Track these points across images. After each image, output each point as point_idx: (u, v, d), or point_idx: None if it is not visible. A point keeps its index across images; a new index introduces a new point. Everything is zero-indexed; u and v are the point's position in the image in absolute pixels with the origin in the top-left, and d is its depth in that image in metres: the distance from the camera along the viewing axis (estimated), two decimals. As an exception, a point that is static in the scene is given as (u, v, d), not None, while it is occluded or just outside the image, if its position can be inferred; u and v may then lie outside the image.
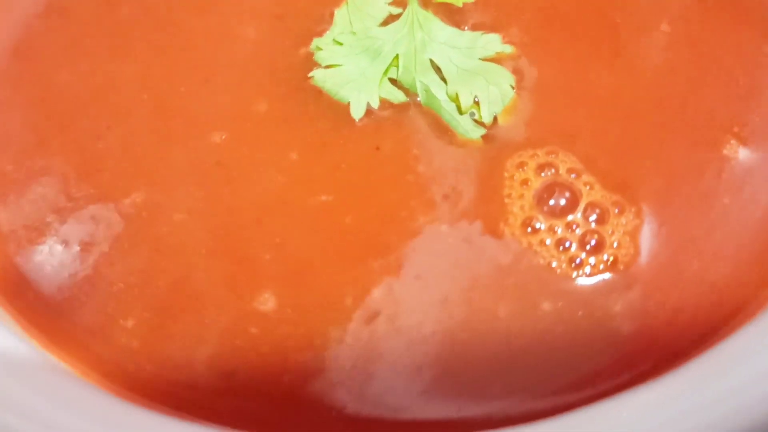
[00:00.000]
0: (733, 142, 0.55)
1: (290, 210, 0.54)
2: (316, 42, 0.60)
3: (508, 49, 0.60)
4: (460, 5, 0.62)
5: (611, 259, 0.52)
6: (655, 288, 0.51)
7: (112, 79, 0.59)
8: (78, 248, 0.53)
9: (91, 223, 0.54)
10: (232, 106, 0.58)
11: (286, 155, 0.56)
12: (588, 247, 0.52)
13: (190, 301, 0.51)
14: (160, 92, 0.59)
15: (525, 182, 0.54)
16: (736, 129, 0.55)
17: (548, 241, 0.52)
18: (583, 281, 0.51)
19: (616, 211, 0.53)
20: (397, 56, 0.59)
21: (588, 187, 0.54)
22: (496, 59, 0.59)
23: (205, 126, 0.57)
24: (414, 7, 0.61)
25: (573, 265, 0.51)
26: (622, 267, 0.51)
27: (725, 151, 0.55)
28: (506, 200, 0.53)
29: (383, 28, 0.60)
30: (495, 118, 0.57)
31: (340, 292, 0.51)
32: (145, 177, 0.55)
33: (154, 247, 0.53)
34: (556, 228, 0.52)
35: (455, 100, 0.57)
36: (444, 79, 0.58)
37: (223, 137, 0.57)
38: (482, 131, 0.57)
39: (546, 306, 0.50)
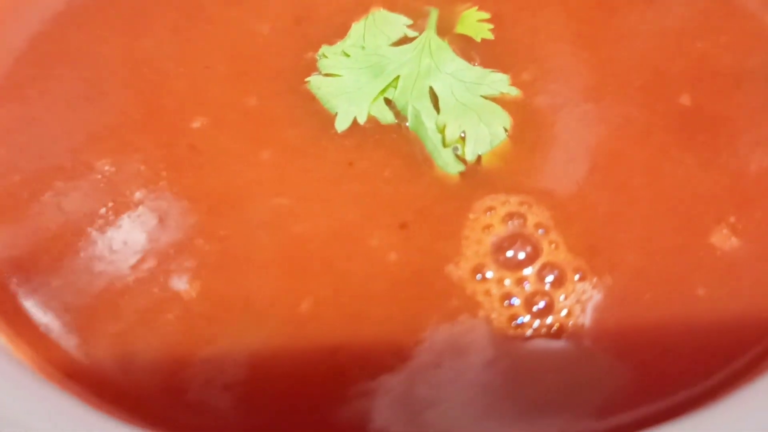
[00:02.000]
0: (725, 231, 0.50)
1: (245, 206, 0.53)
2: (323, 49, 0.60)
3: (514, 91, 0.58)
4: (478, 40, 0.60)
5: (556, 326, 0.48)
6: (593, 369, 0.46)
7: (121, 50, 0.60)
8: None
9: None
10: (222, 95, 0.58)
11: (259, 153, 0.55)
12: (535, 308, 0.48)
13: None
14: (159, 69, 0.59)
15: (488, 227, 0.51)
16: (732, 219, 0.51)
17: (494, 292, 0.49)
18: (519, 342, 0.47)
19: (576, 277, 0.49)
20: (398, 78, 0.58)
21: (553, 246, 0.50)
22: (500, 100, 0.57)
23: (190, 109, 0.57)
24: (430, 34, 0.60)
25: (513, 323, 0.48)
26: (564, 338, 0.47)
27: (713, 240, 0.50)
28: (463, 242, 0.51)
29: (393, 48, 0.60)
30: (479, 158, 0.55)
31: (265, 296, 0.49)
32: (116, 144, 0.55)
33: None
34: (505, 280, 0.49)
35: (442, 131, 0.55)
36: (438, 109, 0.56)
37: (203, 123, 0.56)
38: (461, 168, 0.54)
39: (474, 359, 0.47)
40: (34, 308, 0.50)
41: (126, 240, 0.52)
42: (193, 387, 0.48)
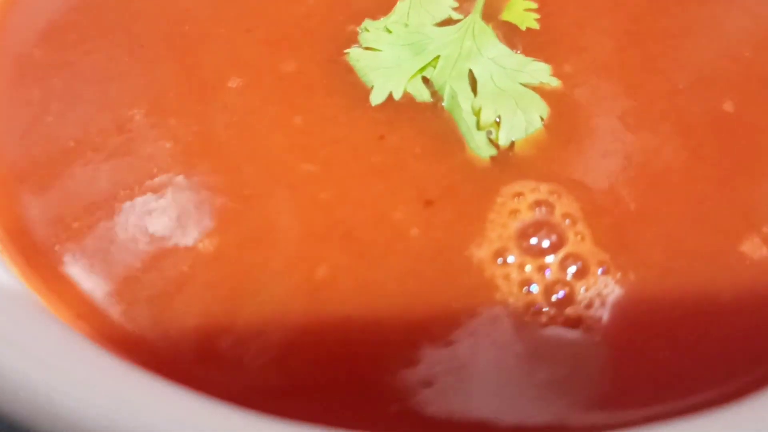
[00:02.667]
0: (756, 240, 0.49)
1: (273, 168, 0.53)
2: (366, 23, 0.60)
3: (555, 82, 0.57)
4: (523, 28, 0.59)
5: (574, 317, 0.47)
6: (611, 363, 0.45)
7: (163, 5, 0.60)
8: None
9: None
10: (260, 58, 0.58)
11: (291, 118, 0.55)
12: (554, 297, 0.48)
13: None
14: (201, 28, 0.60)
15: (514, 212, 0.51)
16: (766, 229, 0.49)
17: (513, 277, 0.48)
18: (534, 329, 0.46)
19: (600, 270, 0.48)
20: (437, 57, 0.57)
21: (579, 237, 0.50)
22: (539, 89, 0.56)
23: (228, 70, 0.58)
24: (476, 17, 0.59)
25: (531, 310, 0.47)
26: (582, 330, 0.46)
27: (743, 248, 0.49)
28: (488, 224, 0.50)
29: (436, 28, 0.60)
30: (512, 144, 0.54)
31: (283, 259, 0.49)
32: (151, 96, 0.55)
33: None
34: (526, 266, 0.48)
35: (477, 113, 0.54)
36: (475, 92, 0.56)
37: (239, 83, 0.56)
38: (493, 152, 0.54)
39: (485, 340, 0.46)
40: (73, 270, 0.50)
41: (156, 197, 0.52)
42: (206, 343, 0.47)
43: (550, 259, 0.49)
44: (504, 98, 0.56)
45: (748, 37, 0.59)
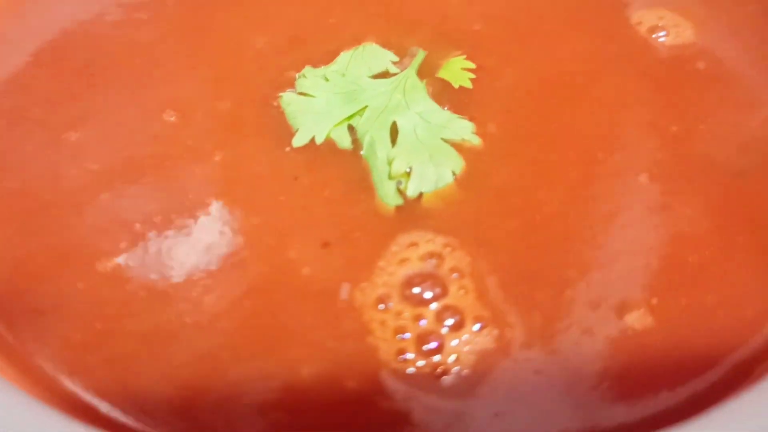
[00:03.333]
0: (642, 311, 0.48)
1: (183, 200, 0.55)
2: (306, 70, 0.62)
3: (476, 140, 0.58)
4: (456, 86, 0.61)
5: (440, 369, 0.47)
6: (465, 419, 0.45)
7: (123, 36, 0.64)
8: None
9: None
10: (199, 95, 0.61)
11: (213, 154, 0.57)
12: (425, 347, 0.48)
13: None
14: (151, 61, 0.63)
15: (405, 261, 0.51)
16: (654, 301, 0.49)
17: (389, 323, 0.48)
18: (399, 376, 0.47)
19: (476, 327, 0.48)
20: (366, 107, 0.59)
21: (462, 291, 0.50)
22: (460, 146, 0.57)
23: (166, 103, 0.60)
24: (410, 72, 0.61)
25: (400, 357, 0.47)
26: (445, 382, 0.46)
27: (628, 320, 0.48)
28: (377, 270, 0.51)
29: (371, 80, 0.61)
30: (421, 196, 0.55)
31: (175, 283, 0.51)
32: (90, 119, 0.59)
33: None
34: (404, 314, 0.49)
35: (390, 163, 0.56)
36: (395, 143, 0.57)
37: (174, 116, 0.59)
38: (399, 202, 0.55)
39: (350, 384, 0.47)
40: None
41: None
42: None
43: (428, 309, 0.49)
44: (420, 151, 0.57)
45: (667, 110, 0.59)
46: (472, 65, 0.62)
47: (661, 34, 0.65)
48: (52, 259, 0.52)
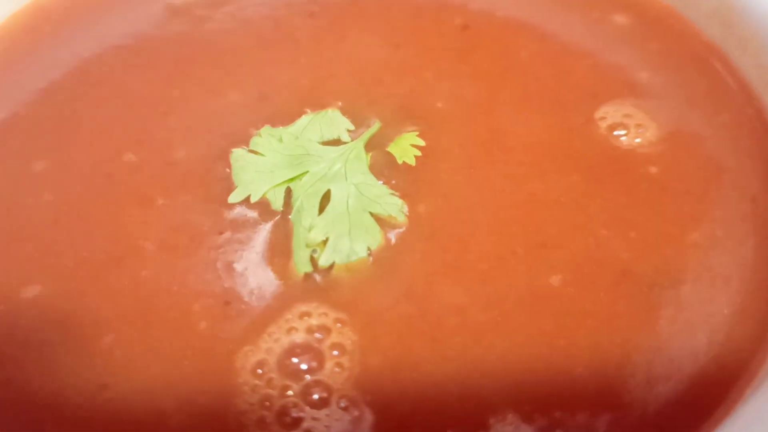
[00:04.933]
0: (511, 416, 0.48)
1: (117, 237, 0.59)
2: (264, 129, 0.65)
3: (402, 218, 0.60)
4: (399, 162, 0.62)
5: (295, 442, 0.49)
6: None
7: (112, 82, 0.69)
8: None
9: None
10: (160, 141, 0.65)
11: (156, 198, 0.61)
12: (286, 418, 0.49)
13: None
14: (126, 104, 0.68)
15: (292, 330, 0.53)
16: (527, 408, 0.49)
17: (259, 390, 0.50)
18: (256, 445, 0.49)
19: (342, 404, 0.50)
20: (307, 172, 0.61)
21: (337, 369, 0.51)
22: (386, 221, 0.59)
23: (128, 145, 0.65)
24: (359, 144, 0.63)
25: (261, 425, 0.49)
26: (296, 456, 0.48)
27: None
28: (264, 335, 0.53)
29: (320, 146, 0.63)
30: (332, 266, 0.57)
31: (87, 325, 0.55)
32: (56, 151, 0.64)
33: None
34: (275, 382, 0.51)
35: (309, 230, 0.58)
36: (321, 210, 0.59)
37: (132, 159, 0.63)
38: (308, 269, 0.57)
39: (210, 442, 0.49)
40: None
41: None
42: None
43: (298, 382, 0.51)
44: (341, 222, 0.59)
45: (601, 214, 0.58)
46: (422, 143, 0.63)
47: (622, 132, 0.64)
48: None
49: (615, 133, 0.64)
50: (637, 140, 0.64)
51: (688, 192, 0.61)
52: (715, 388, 0.52)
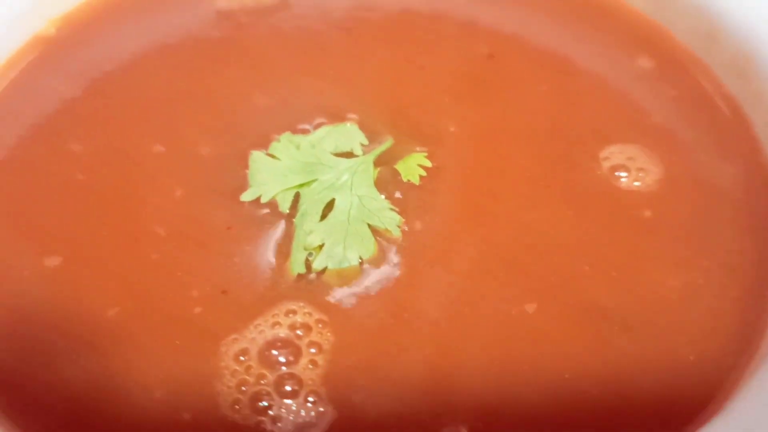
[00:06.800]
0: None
1: (127, 227, 0.65)
2: (285, 135, 0.70)
3: (396, 233, 0.64)
4: (405, 180, 0.66)
5: (262, 427, 0.53)
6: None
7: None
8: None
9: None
10: (188, 136, 0.70)
11: (175, 189, 0.67)
12: (258, 404, 0.54)
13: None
14: (158, 92, 0.73)
15: (276, 325, 0.58)
16: None
17: (238, 375, 0.56)
18: (227, 424, 0.54)
19: (310, 399, 0.54)
20: (316, 180, 0.66)
21: (310, 366, 0.56)
22: (382, 234, 0.63)
23: (156, 135, 0.70)
24: (368, 158, 0.67)
25: (235, 406, 0.54)
26: (263, 439, 0.53)
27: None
28: (250, 326, 0.58)
29: (333, 157, 0.68)
30: (324, 270, 0.61)
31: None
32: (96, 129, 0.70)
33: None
34: (252, 370, 0.55)
35: (307, 234, 0.63)
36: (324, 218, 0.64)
37: (160, 149, 0.69)
38: (302, 271, 0.61)
39: (186, 417, 0.54)
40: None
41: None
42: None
43: (275, 372, 0.56)
44: (339, 230, 0.63)
45: (587, 250, 0.61)
46: (429, 164, 0.67)
47: (623, 174, 0.67)
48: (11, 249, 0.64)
49: (616, 174, 0.67)
50: (636, 183, 0.66)
51: (677, 238, 0.63)
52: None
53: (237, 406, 0.55)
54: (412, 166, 0.68)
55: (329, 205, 0.65)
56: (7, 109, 0.73)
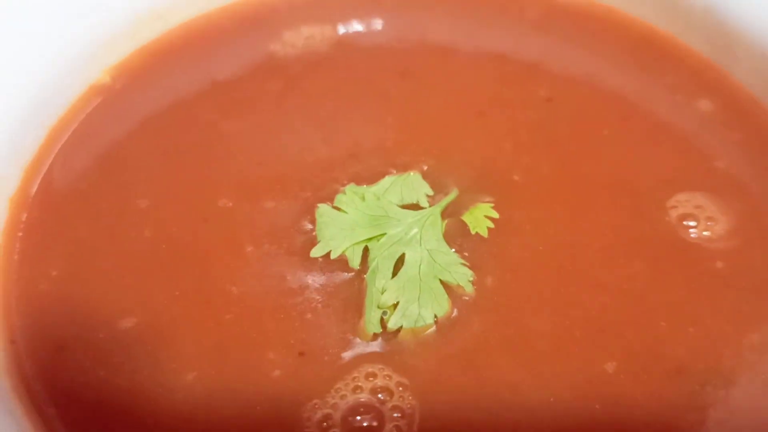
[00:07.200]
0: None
1: (200, 285, 0.65)
2: (349, 187, 0.70)
3: (469, 288, 0.64)
4: (472, 232, 0.66)
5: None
6: None
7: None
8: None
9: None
10: (253, 190, 0.71)
11: (245, 246, 0.67)
12: (344, 474, 0.55)
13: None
14: (223, 146, 0.74)
15: (358, 389, 0.58)
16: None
17: (320, 447, 0.56)
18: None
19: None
20: (384, 234, 0.66)
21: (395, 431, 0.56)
22: (454, 290, 0.63)
23: (224, 190, 0.71)
24: (435, 211, 0.67)
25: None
26: None
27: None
28: (332, 391, 0.58)
29: (400, 209, 0.68)
30: (399, 330, 0.61)
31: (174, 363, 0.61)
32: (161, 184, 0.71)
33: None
34: (338, 440, 0.56)
35: (381, 293, 0.63)
36: (395, 273, 0.64)
37: (227, 203, 0.70)
38: (377, 330, 0.62)
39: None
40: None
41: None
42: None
43: (356, 442, 0.56)
44: (412, 287, 0.63)
45: (662, 305, 0.61)
46: (496, 215, 0.67)
47: (692, 223, 0.67)
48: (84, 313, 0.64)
49: (684, 223, 0.67)
50: (706, 233, 0.66)
51: (752, 290, 0.63)
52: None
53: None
54: (480, 218, 0.68)
55: (399, 260, 0.65)
56: (74, 159, 0.74)
